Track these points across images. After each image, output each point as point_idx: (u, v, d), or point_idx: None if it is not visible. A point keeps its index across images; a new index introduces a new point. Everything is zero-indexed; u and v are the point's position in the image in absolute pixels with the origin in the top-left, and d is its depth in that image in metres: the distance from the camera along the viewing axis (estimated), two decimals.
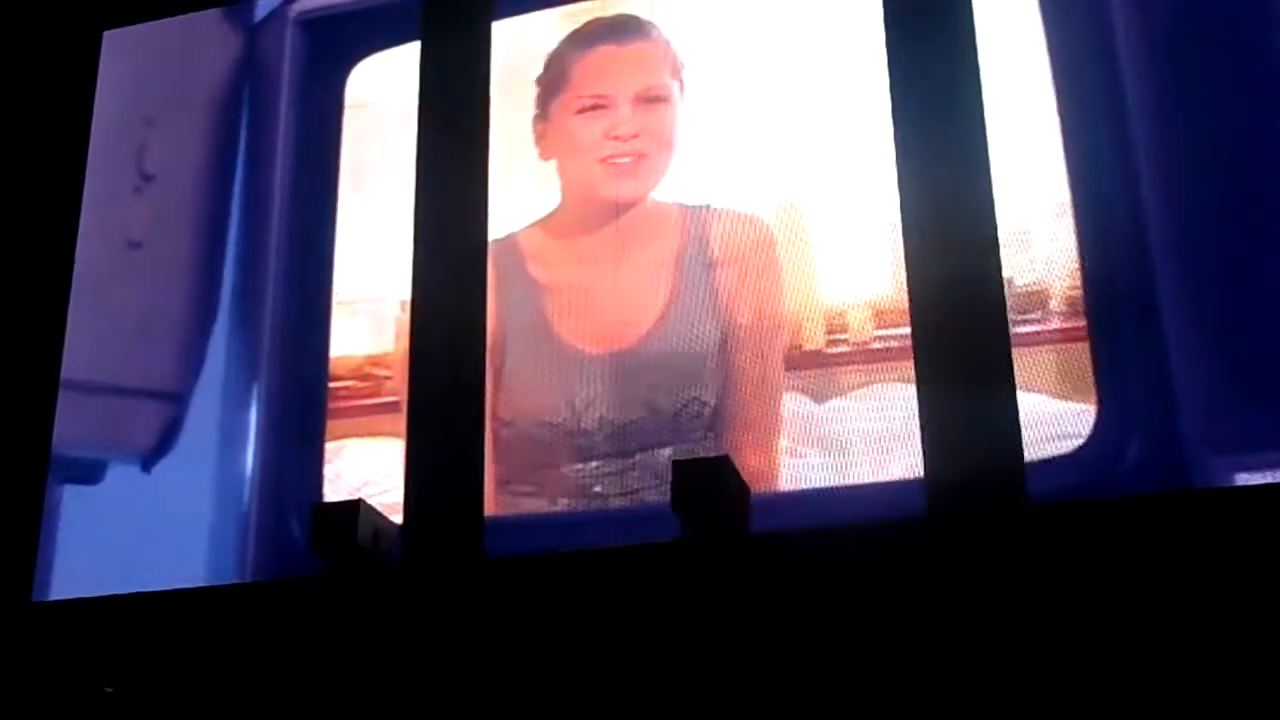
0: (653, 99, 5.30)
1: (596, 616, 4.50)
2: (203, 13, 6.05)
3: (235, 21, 6.02)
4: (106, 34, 6.15)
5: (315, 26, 5.92)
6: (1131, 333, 4.62)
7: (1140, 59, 4.81)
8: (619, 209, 5.29)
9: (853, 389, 4.82)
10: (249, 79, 5.96)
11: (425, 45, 5.58)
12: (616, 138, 5.26)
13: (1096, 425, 4.58)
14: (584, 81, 5.41)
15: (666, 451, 4.80)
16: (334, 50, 5.86)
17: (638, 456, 4.87)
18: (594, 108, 5.33)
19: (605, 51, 5.44)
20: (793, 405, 4.83)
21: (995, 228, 4.70)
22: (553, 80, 5.46)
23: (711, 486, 4.48)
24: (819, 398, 4.83)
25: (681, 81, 5.30)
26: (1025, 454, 4.43)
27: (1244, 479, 4.35)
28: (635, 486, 4.87)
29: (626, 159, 5.26)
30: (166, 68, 6.07)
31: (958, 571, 4.28)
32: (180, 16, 6.09)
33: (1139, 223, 4.68)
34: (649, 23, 5.42)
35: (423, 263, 5.32)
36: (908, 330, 4.66)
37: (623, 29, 5.44)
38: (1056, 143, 4.85)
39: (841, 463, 4.73)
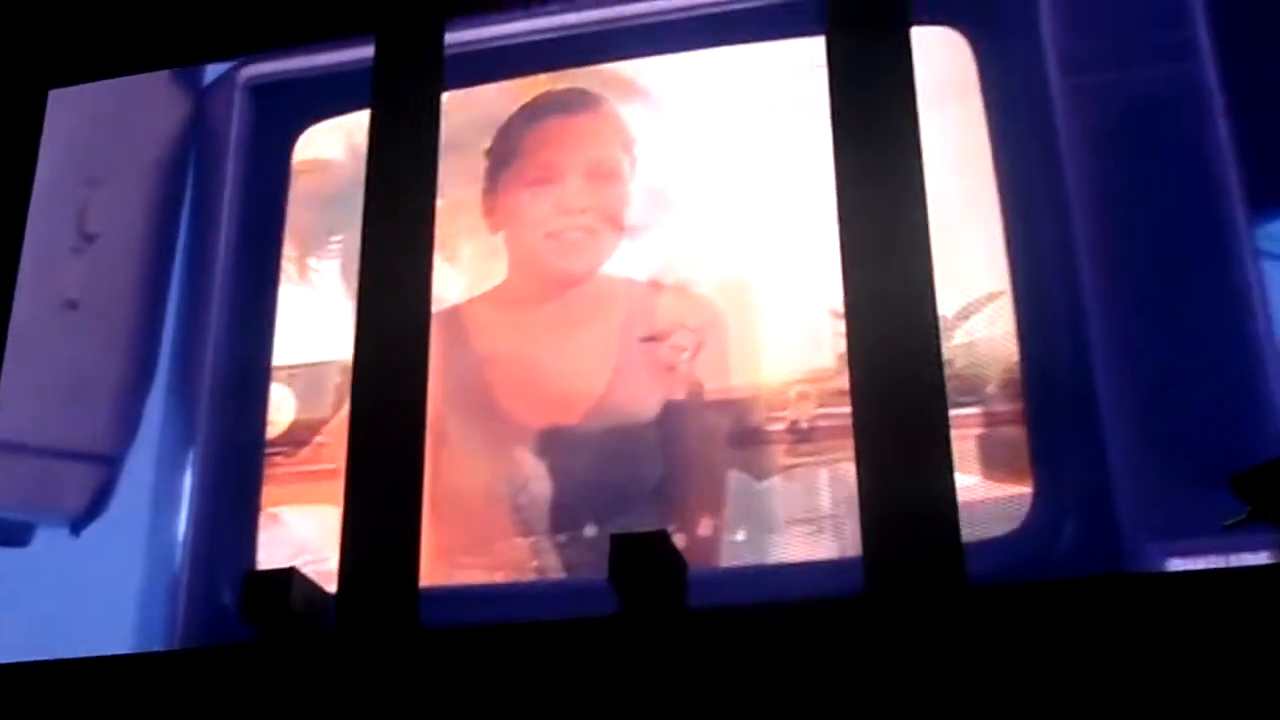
0: (603, 174, 5.34)
1: (532, 690, 4.46)
2: (151, 74, 6.06)
3: (184, 84, 6.02)
4: (53, 93, 6.14)
5: (264, 92, 5.93)
6: (1067, 418, 4.69)
7: (1081, 150, 4.92)
8: (566, 283, 5.31)
9: (792, 467, 4.84)
10: (196, 142, 5.95)
11: (375, 113, 5.59)
12: (566, 211, 5.28)
13: (1032, 508, 4.63)
14: (534, 154, 5.44)
15: (607, 526, 4.79)
16: (283, 115, 5.88)
17: (578, 530, 4.85)
18: (543, 181, 5.36)
19: (555, 124, 5.48)
20: (734, 482, 4.84)
21: (935, 313, 4.75)
22: (502, 152, 5.49)
23: (649, 561, 4.47)
24: (759, 475, 4.85)
25: (633, 157, 5.35)
26: (963, 534, 4.46)
27: (1176, 564, 4.40)
28: (574, 561, 4.85)
29: (576, 234, 5.28)
30: (112, 128, 6.06)
31: (895, 649, 4.28)
32: (128, 78, 6.08)
33: (1077, 310, 4.77)
34: (601, 97, 5.47)
35: (365, 330, 5.30)
36: (848, 410, 4.70)
37: (574, 102, 5.49)
38: (998, 231, 4.93)
39: (780, 540, 4.74)
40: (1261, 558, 4.24)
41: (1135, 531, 4.47)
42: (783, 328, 4.97)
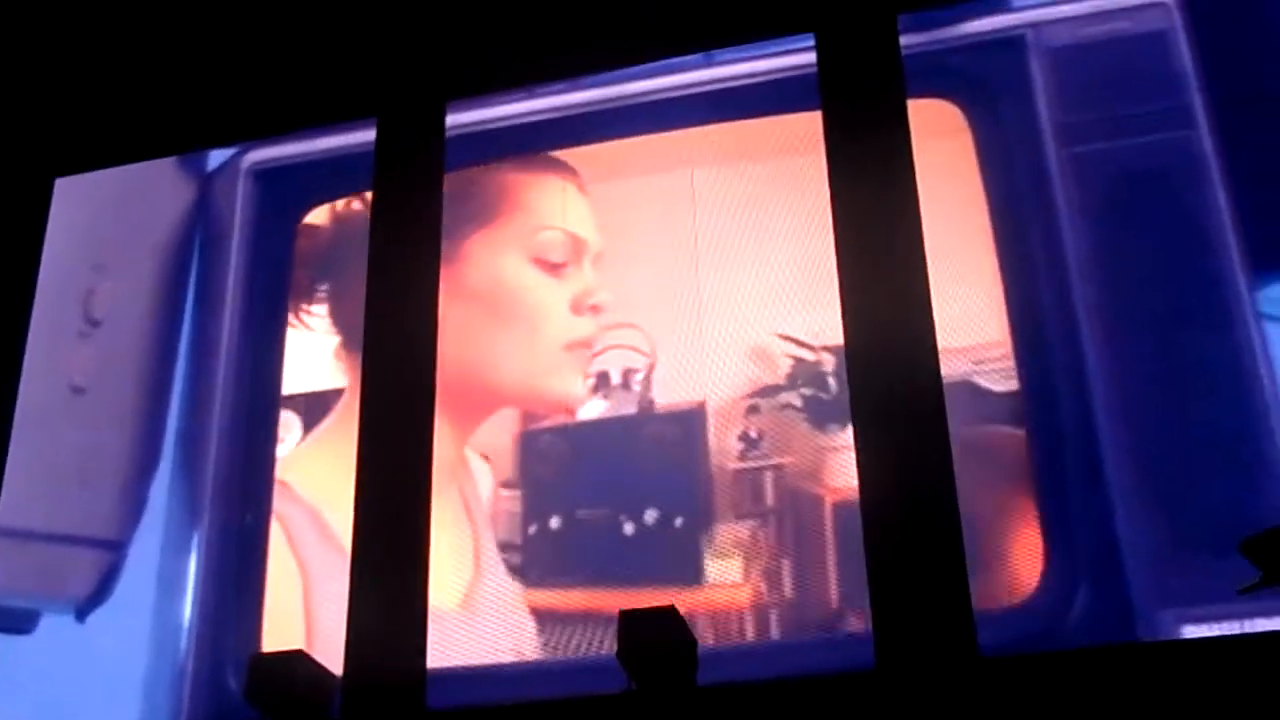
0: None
1: None
2: (155, 161, 6.11)
3: (188, 170, 6.08)
4: (59, 181, 6.19)
5: (267, 176, 5.98)
6: (1077, 486, 4.66)
7: (1079, 219, 4.94)
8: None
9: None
10: (201, 227, 5.99)
11: (377, 194, 5.65)
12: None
13: (1044, 577, 4.59)
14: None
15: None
16: (286, 199, 5.93)
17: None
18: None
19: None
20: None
21: (939, 381, 4.77)
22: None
23: (658, 637, 4.43)
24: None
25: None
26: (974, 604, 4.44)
27: (1191, 631, 4.36)
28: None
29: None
30: (118, 215, 6.10)
31: None
32: (133, 165, 6.14)
33: (1080, 378, 4.77)
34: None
35: (370, 413, 5.31)
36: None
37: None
38: (999, 299, 4.95)
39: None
40: (1277, 623, 4.20)
41: (1149, 599, 4.43)
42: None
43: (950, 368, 4.80)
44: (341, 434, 5.36)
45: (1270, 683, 4.04)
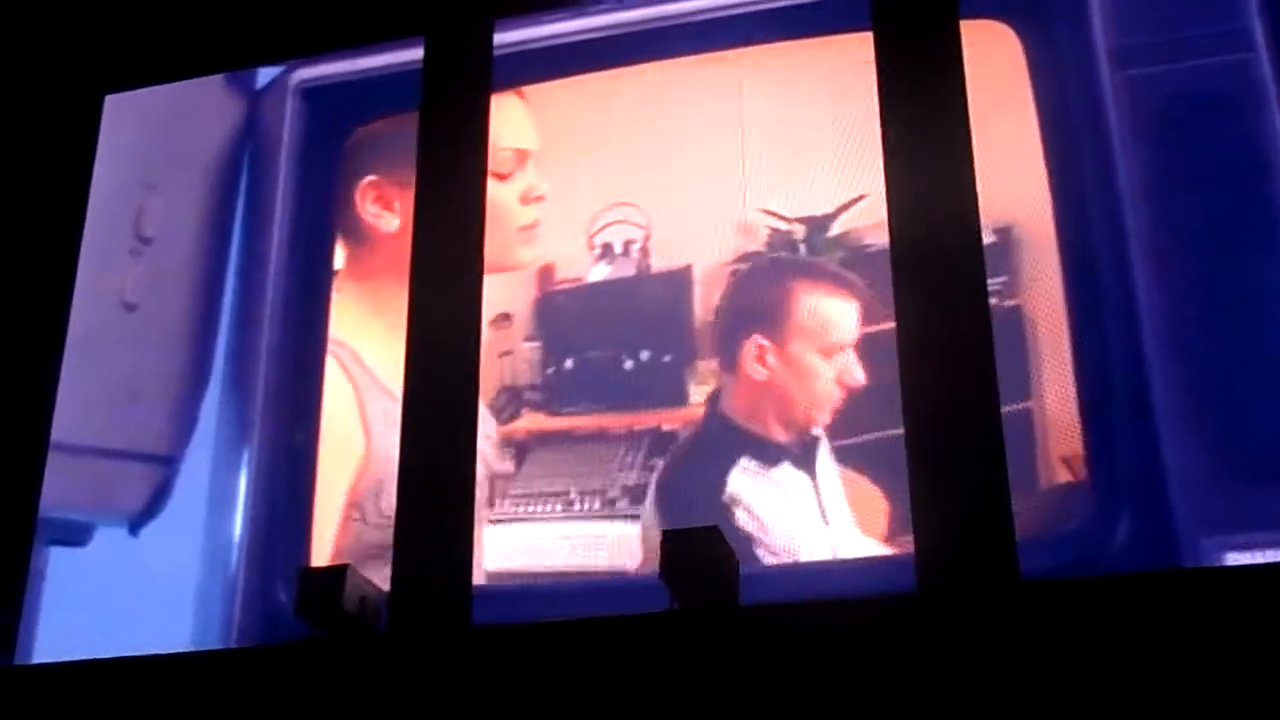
0: None
1: (584, 687, 4.47)
2: (204, 79, 6.12)
3: (237, 88, 6.08)
4: (108, 98, 6.21)
5: (315, 94, 5.98)
6: (1123, 413, 4.64)
7: (1133, 144, 4.88)
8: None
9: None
10: (249, 144, 6.01)
11: (424, 114, 5.65)
12: None
13: (1088, 504, 4.59)
14: None
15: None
16: (334, 117, 5.93)
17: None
18: None
19: None
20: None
21: (988, 319, 4.75)
22: None
23: (701, 557, 4.47)
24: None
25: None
26: (1017, 531, 4.44)
27: (1234, 559, 4.35)
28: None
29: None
30: (167, 132, 6.12)
31: (948, 647, 4.26)
32: (182, 83, 6.15)
33: (1131, 304, 4.73)
34: None
35: (417, 331, 5.34)
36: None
37: None
38: (1049, 225, 4.91)
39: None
40: None
41: (1192, 525, 4.42)
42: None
43: None
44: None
45: None
